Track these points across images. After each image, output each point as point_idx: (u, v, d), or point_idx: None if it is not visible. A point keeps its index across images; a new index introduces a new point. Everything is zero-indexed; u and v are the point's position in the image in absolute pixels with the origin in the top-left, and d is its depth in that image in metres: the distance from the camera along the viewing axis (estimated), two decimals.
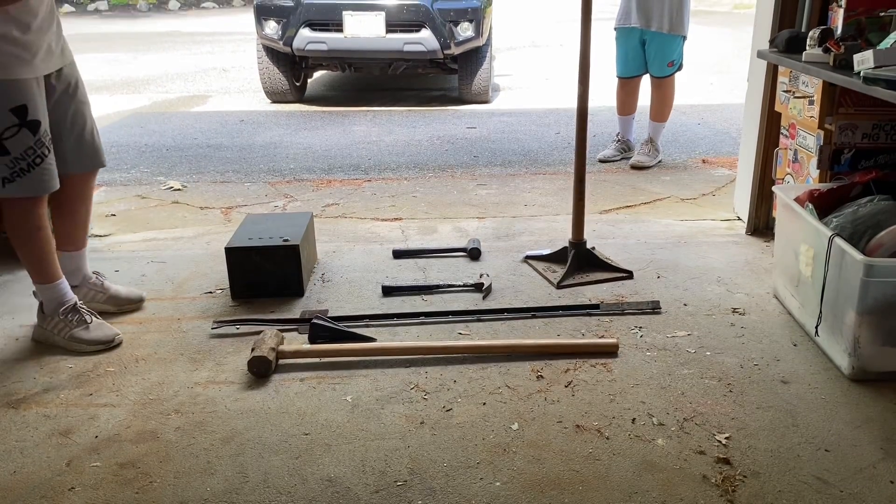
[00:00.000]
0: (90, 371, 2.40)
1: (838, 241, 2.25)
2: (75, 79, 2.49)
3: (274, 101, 6.91)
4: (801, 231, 2.54)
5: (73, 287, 2.69)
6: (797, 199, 2.60)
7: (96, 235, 3.55)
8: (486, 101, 6.89)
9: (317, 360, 2.43)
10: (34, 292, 2.55)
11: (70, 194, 2.56)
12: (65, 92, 2.44)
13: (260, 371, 2.33)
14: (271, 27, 6.42)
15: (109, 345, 2.51)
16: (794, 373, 2.33)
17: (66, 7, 17.83)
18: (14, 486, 1.89)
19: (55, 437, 2.08)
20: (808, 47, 2.78)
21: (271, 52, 6.56)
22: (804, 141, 2.92)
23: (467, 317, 2.70)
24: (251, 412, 2.17)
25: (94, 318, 2.55)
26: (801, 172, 2.97)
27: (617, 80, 4.83)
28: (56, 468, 1.95)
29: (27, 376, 2.38)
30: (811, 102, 2.81)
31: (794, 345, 2.50)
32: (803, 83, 2.86)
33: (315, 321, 2.57)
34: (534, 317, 2.69)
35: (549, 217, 3.82)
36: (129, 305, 2.77)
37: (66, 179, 2.49)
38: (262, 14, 6.47)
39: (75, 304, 2.53)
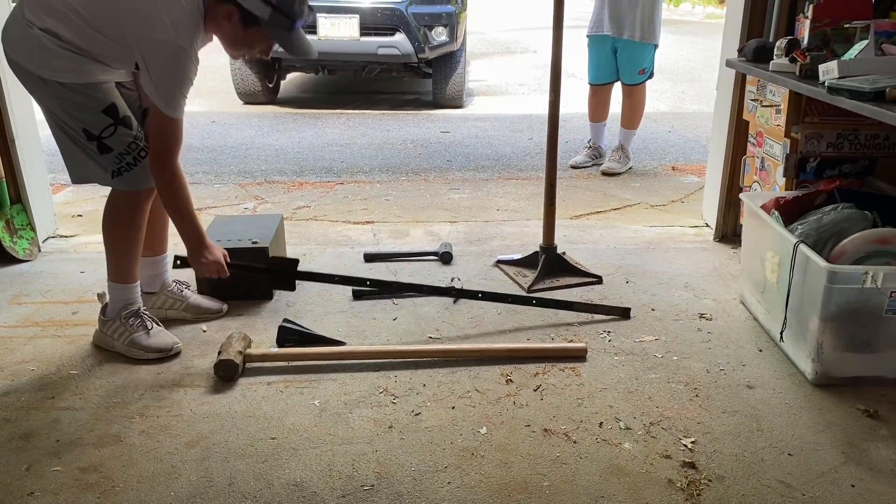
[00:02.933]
0: (52, 374, 2.36)
1: (803, 248, 2.28)
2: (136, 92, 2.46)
3: (246, 103, 6.85)
4: (767, 238, 2.58)
5: (150, 294, 2.66)
6: (764, 207, 2.64)
7: (62, 236, 3.49)
8: (459, 106, 6.90)
9: (285, 363, 2.41)
10: (98, 294, 2.52)
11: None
12: (135, 99, 2.40)
13: (227, 374, 2.31)
14: None
15: (168, 353, 2.44)
16: (760, 378, 2.36)
17: None
18: None
19: (15, 440, 2.04)
20: (775, 57, 2.82)
21: None
22: (771, 149, 2.96)
23: (444, 296, 2.79)
24: (217, 416, 2.15)
25: (154, 325, 2.49)
26: (768, 180, 3.01)
27: (589, 87, 4.86)
28: (15, 472, 1.91)
29: None
30: (778, 111, 2.85)
31: (760, 350, 2.53)
32: (770, 92, 2.91)
33: (283, 325, 2.55)
34: (513, 302, 2.76)
35: (521, 222, 3.84)
36: (208, 315, 2.71)
37: None
38: None
39: (139, 309, 2.47)
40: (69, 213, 3.86)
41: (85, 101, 2.20)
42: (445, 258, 3.23)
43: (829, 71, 2.43)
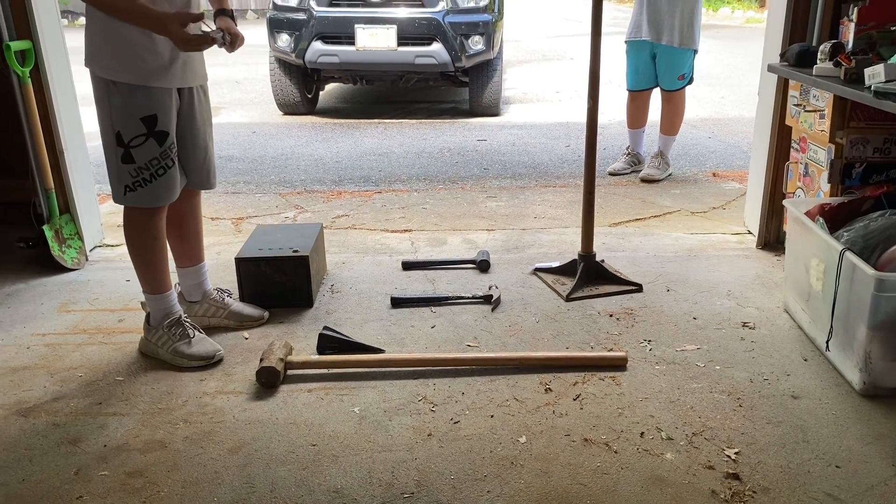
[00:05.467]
0: (100, 380, 2.41)
1: (849, 255, 2.24)
2: (205, 98, 2.51)
3: (286, 113, 6.95)
4: (811, 245, 2.53)
5: (193, 303, 2.71)
6: (808, 213, 2.59)
7: (108, 245, 3.57)
8: (496, 114, 6.90)
9: (325, 370, 2.43)
10: (143, 303, 2.56)
11: (181, 209, 2.54)
12: (191, 108, 2.43)
13: (268, 381, 2.34)
14: (284, 40, 6.46)
15: (210, 360, 2.48)
16: (805, 388, 2.32)
17: (82, 20, 18.02)
18: (23, 494, 1.90)
19: (64, 445, 2.09)
20: (818, 61, 2.78)
21: (284, 65, 6.60)
22: (815, 155, 2.91)
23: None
24: (259, 422, 2.17)
25: (196, 333, 2.53)
26: (812, 186, 2.95)
27: (627, 93, 4.83)
28: (64, 476, 1.96)
29: (37, 385, 2.39)
30: (822, 116, 2.80)
31: (805, 360, 2.48)
32: (814, 97, 2.86)
33: (323, 332, 2.58)
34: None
35: (559, 230, 3.82)
36: (249, 322, 2.75)
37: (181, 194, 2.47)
38: (274, 27, 6.51)
39: (180, 317, 2.52)
40: (114, 223, 3.94)
41: (129, 104, 2.23)
42: (483, 266, 3.23)
43: (875, 75, 2.38)
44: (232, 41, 2.32)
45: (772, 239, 3.43)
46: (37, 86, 3.16)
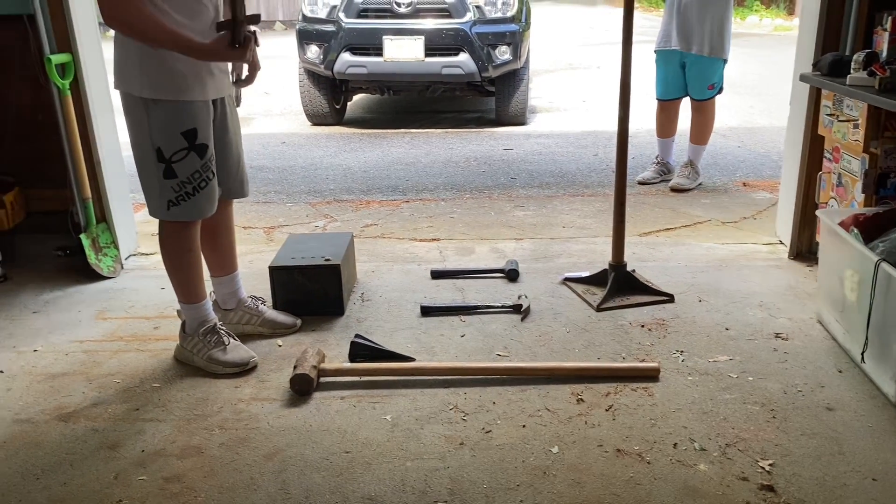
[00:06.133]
0: (137, 386, 2.46)
1: (885, 266, 2.22)
2: (233, 108, 2.54)
3: (315, 124, 7.01)
4: (846, 256, 2.51)
5: (228, 311, 2.75)
6: (842, 224, 2.57)
7: (143, 254, 3.63)
8: (523, 123, 6.91)
9: (357, 378, 2.46)
10: (178, 311, 2.60)
11: (214, 219, 2.56)
12: (224, 118, 2.47)
13: (302, 389, 2.37)
14: (313, 51, 6.53)
15: (245, 367, 2.51)
16: (840, 399, 2.29)
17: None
18: (64, 498, 1.94)
19: (103, 450, 2.13)
20: (852, 71, 2.76)
21: (312, 76, 6.67)
22: (849, 165, 2.89)
23: None
24: (293, 429, 2.20)
25: (231, 340, 2.57)
26: (846, 196, 2.93)
27: (656, 102, 4.82)
28: (104, 481, 2.00)
29: (76, 391, 2.44)
30: (856, 126, 2.78)
31: (840, 371, 2.45)
32: (847, 107, 2.83)
33: (355, 340, 2.60)
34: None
35: (588, 239, 3.82)
36: (282, 330, 2.78)
37: None
38: (304, 39, 6.59)
39: (215, 325, 2.56)
40: (149, 232, 4.01)
41: (169, 120, 2.26)
42: (512, 275, 3.24)
43: None
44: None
45: (804, 249, 3.40)
46: (76, 97, 3.23)
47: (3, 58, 3.27)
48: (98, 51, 3.36)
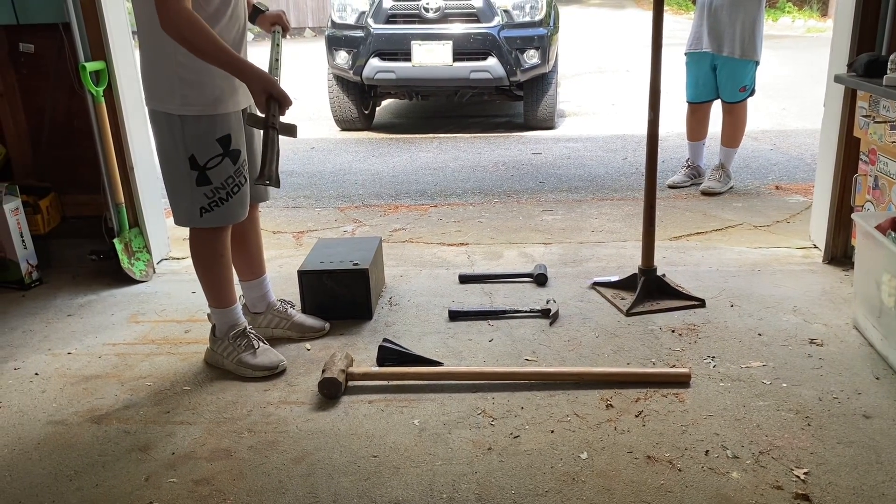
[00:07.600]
0: (167, 389, 2.48)
1: None
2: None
3: (343, 129, 7.05)
4: (883, 260, 2.45)
5: (257, 314, 2.78)
6: (879, 227, 2.51)
7: (175, 258, 3.68)
8: (551, 127, 6.88)
9: (385, 382, 2.46)
10: (208, 315, 2.62)
11: (243, 224, 2.57)
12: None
13: (330, 392, 2.37)
14: (342, 57, 6.58)
15: (274, 371, 2.53)
16: (877, 407, 2.24)
17: None
18: (96, 499, 1.96)
19: (135, 452, 2.15)
20: (889, 71, 2.70)
21: (341, 81, 6.72)
22: (886, 167, 2.82)
23: None
24: (321, 433, 2.21)
25: (261, 344, 2.59)
26: (883, 199, 2.87)
27: (687, 105, 4.77)
28: (135, 483, 2.02)
29: (109, 393, 2.47)
30: (893, 127, 2.72)
31: (877, 378, 2.40)
32: (884, 107, 2.78)
33: (383, 344, 2.60)
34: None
35: (617, 243, 3.79)
36: (311, 333, 2.80)
37: None
38: (333, 44, 6.64)
39: (245, 329, 2.58)
40: (180, 237, 4.05)
41: (205, 130, 2.28)
42: (540, 280, 3.22)
43: None
44: (285, 28, 2.50)
45: (839, 253, 3.33)
46: (109, 104, 3.29)
47: (39, 65, 3.33)
48: (131, 58, 3.41)
